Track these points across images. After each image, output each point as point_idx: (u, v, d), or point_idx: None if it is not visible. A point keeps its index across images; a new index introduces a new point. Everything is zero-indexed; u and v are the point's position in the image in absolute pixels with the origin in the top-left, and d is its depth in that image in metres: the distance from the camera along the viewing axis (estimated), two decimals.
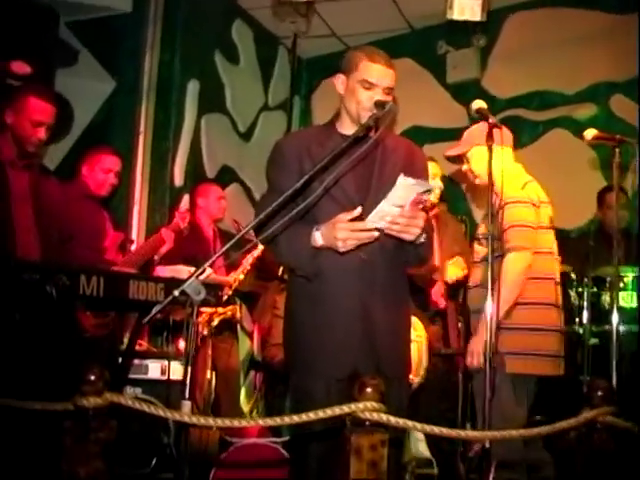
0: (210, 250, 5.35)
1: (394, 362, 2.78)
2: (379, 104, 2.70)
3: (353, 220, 2.60)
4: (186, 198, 5.97)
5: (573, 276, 4.50)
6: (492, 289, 2.94)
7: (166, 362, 4.38)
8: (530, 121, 6.57)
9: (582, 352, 4.37)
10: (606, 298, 4.43)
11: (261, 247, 4.95)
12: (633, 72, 6.15)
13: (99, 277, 2.89)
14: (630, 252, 5.11)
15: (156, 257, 4.85)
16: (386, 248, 2.75)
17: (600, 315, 4.40)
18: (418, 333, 4.15)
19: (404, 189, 2.54)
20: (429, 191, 2.62)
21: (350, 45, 7.64)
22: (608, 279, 4.44)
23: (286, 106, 7.73)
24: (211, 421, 2.15)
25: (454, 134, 3.77)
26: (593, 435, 2.29)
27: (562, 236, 6.19)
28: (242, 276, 5.14)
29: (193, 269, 4.90)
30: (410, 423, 2.17)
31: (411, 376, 3.44)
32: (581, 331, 4.43)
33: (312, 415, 2.13)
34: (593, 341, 4.40)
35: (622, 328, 4.32)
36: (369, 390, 2.14)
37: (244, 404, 5.57)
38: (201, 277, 2.30)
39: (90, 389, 1.99)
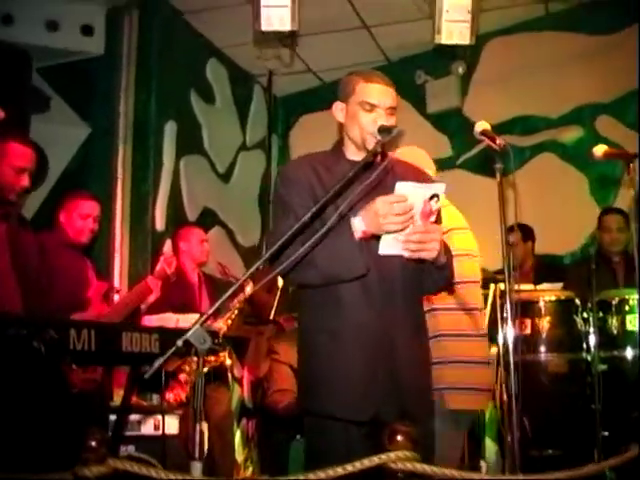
0: (196, 296, 5.17)
1: (419, 401, 2.59)
2: (383, 130, 2.54)
3: None
4: (168, 243, 5.77)
5: (577, 302, 4.34)
6: None
7: (159, 417, 4.15)
8: (516, 147, 6.48)
9: (592, 380, 4.22)
10: (613, 322, 4.26)
11: (249, 290, 4.80)
12: (617, 92, 6.13)
13: (90, 330, 2.67)
14: (630, 275, 5.02)
15: (143, 306, 4.63)
16: (407, 277, 2.58)
17: (608, 340, 4.23)
18: None
19: (407, 197, 2.39)
20: (436, 196, 2.46)
21: (326, 81, 7.59)
22: (614, 302, 4.27)
23: (264, 145, 7.62)
24: None
25: (437, 164, 3.65)
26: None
27: (555, 262, 6.19)
28: (230, 321, 4.94)
29: (182, 317, 4.76)
30: (447, 471, 1.99)
31: None
32: (589, 358, 4.27)
33: (340, 470, 1.94)
34: (602, 367, 4.23)
35: (631, 353, 4.21)
36: (400, 438, 1.95)
37: (238, 454, 5.37)
38: (188, 325, 2.12)
39: (92, 456, 1.80)
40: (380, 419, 2.46)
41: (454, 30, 4.23)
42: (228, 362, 5.07)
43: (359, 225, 2.44)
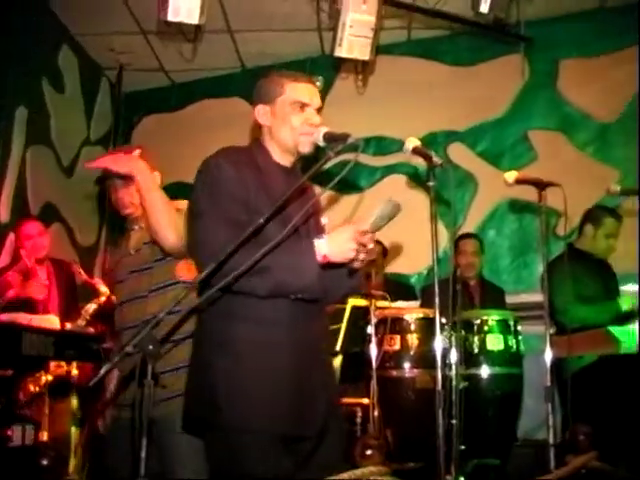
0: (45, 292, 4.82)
1: (336, 413, 2.54)
2: (330, 137, 2.49)
3: None
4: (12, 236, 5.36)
5: (443, 320, 4.49)
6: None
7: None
8: (368, 166, 6.63)
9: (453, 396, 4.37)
10: (474, 341, 4.44)
11: (103, 298, 4.53)
12: (471, 122, 6.45)
13: None
14: (485, 298, 5.27)
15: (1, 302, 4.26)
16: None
17: (468, 358, 4.40)
18: None
19: (387, 214, 2.38)
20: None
21: (176, 81, 7.40)
22: (476, 322, 4.46)
23: (106, 141, 7.29)
24: None
25: None
26: None
27: (402, 281, 6.38)
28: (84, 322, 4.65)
29: (37, 317, 4.42)
30: None
31: None
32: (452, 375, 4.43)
33: None
34: (463, 384, 4.40)
35: (489, 371, 4.42)
36: (371, 452, 1.92)
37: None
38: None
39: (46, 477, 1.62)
40: (305, 434, 2.40)
41: (355, 45, 4.27)
42: (75, 372, 4.77)
43: (322, 248, 2.35)
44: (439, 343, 2.58)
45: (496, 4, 4.31)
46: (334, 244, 2.34)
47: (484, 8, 4.28)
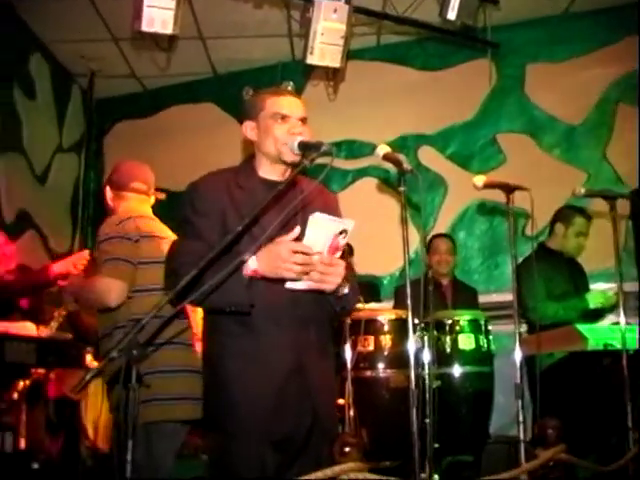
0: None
1: (328, 417, 2.62)
2: (304, 145, 2.57)
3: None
4: None
5: (416, 321, 4.57)
6: None
7: None
8: (339, 170, 6.70)
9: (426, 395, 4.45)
10: (446, 341, 4.53)
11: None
12: (440, 126, 6.55)
13: None
14: (457, 298, 5.36)
15: None
16: (317, 299, 2.60)
17: (441, 358, 4.48)
18: None
19: (320, 228, 2.41)
20: (345, 232, 2.51)
21: (148, 87, 7.43)
22: (448, 322, 4.55)
23: (78, 148, 7.32)
24: None
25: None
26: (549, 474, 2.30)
27: (375, 282, 6.47)
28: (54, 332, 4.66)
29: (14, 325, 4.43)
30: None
31: None
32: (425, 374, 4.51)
33: None
34: (436, 383, 4.48)
35: (461, 370, 4.51)
36: (349, 449, 2.00)
37: None
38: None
39: None
40: (291, 436, 2.51)
41: (327, 52, 4.34)
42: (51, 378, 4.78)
43: (252, 264, 2.43)
44: (412, 343, 2.64)
45: (463, 11, 4.41)
46: (263, 260, 2.42)
47: (451, 15, 4.38)
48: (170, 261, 2.57)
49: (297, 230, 2.39)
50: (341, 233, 2.47)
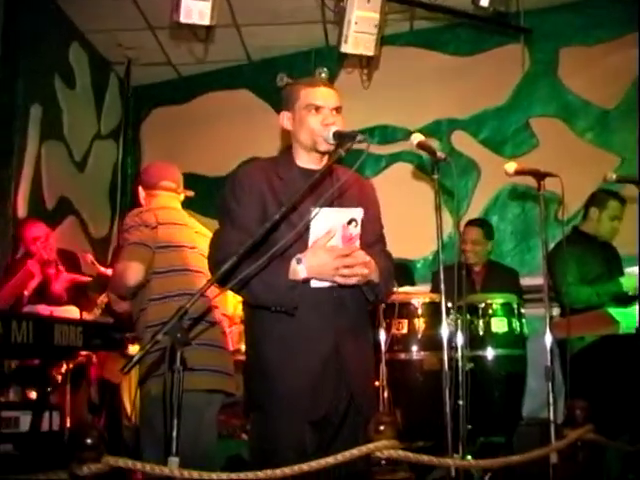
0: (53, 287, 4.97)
1: (366, 399, 2.71)
2: (339, 135, 2.65)
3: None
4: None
5: (449, 304, 4.64)
6: None
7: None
8: (373, 155, 6.75)
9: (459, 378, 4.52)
10: (479, 324, 4.59)
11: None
12: (473, 110, 6.58)
13: (28, 323, 2.56)
14: (488, 283, 5.40)
15: (26, 293, 4.42)
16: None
17: (474, 341, 4.55)
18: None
19: (325, 221, 2.49)
20: (354, 221, 2.59)
21: (183, 74, 7.53)
22: (480, 306, 4.61)
23: (116, 135, 7.45)
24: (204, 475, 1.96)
25: None
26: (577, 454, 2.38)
27: (409, 265, 6.54)
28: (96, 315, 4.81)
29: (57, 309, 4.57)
30: (426, 458, 2.15)
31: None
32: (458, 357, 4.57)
33: (331, 460, 2.03)
34: (469, 366, 4.55)
35: (494, 353, 4.58)
36: (383, 428, 2.08)
37: None
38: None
39: (88, 455, 1.77)
40: (328, 417, 2.60)
41: (361, 41, 4.40)
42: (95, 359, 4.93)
43: (302, 272, 2.53)
44: (445, 327, 2.72)
45: None
46: (313, 269, 2.54)
47: (484, 2, 4.41)
48: (215, 251, 2.68)
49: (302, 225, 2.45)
50: (350, 223, 2.55)
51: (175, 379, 2.16)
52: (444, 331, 2.70)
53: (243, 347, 3.54)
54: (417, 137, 2.93)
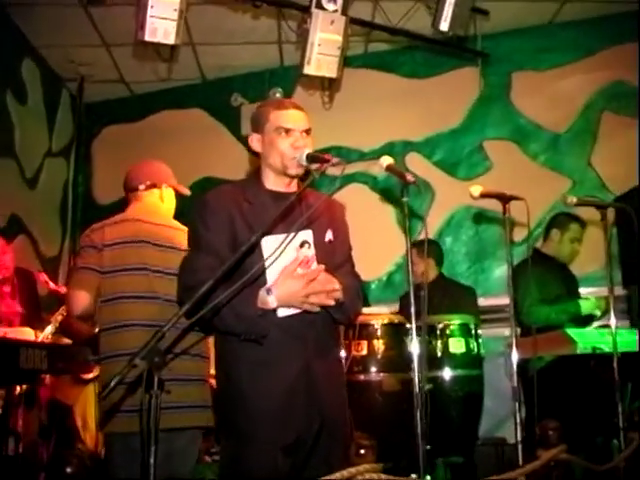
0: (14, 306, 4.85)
1: (336, 420, 2.69)
2: (312, 158, 2.65)
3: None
4: None
5: (408, 325, 4.65)
6: None
7: None
8: (328, 176, 6.72)
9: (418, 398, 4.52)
10: (437, 344, 4.61)
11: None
12: (427, 132, 6.65)
13: None
14: (444, 302, 5.42)
15: None
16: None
17: (432, 361, 4.56)
18: None
19: (274, 249, 2.45)
20: (307, 243, 2.60)
21: (137, 92, 7.46)
22: (439, 327, 4.63)
23: (67, 152, 7.34)
24: None
25: None
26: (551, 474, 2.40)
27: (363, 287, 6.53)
28: (50, 336, 4.70)
29: (10, 330, 4.45)
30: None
31: None
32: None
33: None
34: (428, 386, 4.55)
35: (452, 373, 4.60)
36: (364, 452, 2.08)
37: None
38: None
39: None
40: (301, 439, 2.58)
41: (323, 63, 4.43)
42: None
43: (272, 302, 2.54)
44: (416, 347, 2.72)
45: (456, 22, 4.51)
46: (284, 299, 2.56)
47: (444, 27, 4.48)
48: (186, 277, 2.64)
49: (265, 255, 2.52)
50: (302, 245, 2.55)
51: (152, 403, 2.12)
52: (414, 351, 2.70)
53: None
54: (386, 160, 2.92)
